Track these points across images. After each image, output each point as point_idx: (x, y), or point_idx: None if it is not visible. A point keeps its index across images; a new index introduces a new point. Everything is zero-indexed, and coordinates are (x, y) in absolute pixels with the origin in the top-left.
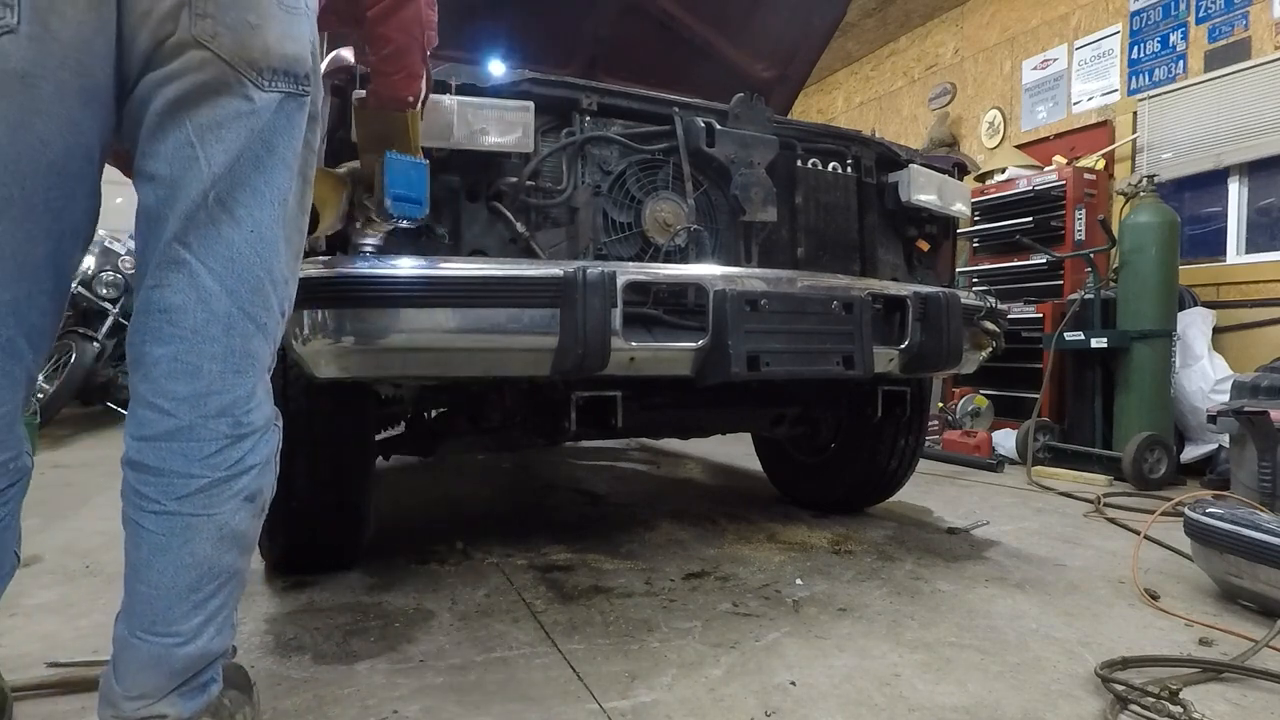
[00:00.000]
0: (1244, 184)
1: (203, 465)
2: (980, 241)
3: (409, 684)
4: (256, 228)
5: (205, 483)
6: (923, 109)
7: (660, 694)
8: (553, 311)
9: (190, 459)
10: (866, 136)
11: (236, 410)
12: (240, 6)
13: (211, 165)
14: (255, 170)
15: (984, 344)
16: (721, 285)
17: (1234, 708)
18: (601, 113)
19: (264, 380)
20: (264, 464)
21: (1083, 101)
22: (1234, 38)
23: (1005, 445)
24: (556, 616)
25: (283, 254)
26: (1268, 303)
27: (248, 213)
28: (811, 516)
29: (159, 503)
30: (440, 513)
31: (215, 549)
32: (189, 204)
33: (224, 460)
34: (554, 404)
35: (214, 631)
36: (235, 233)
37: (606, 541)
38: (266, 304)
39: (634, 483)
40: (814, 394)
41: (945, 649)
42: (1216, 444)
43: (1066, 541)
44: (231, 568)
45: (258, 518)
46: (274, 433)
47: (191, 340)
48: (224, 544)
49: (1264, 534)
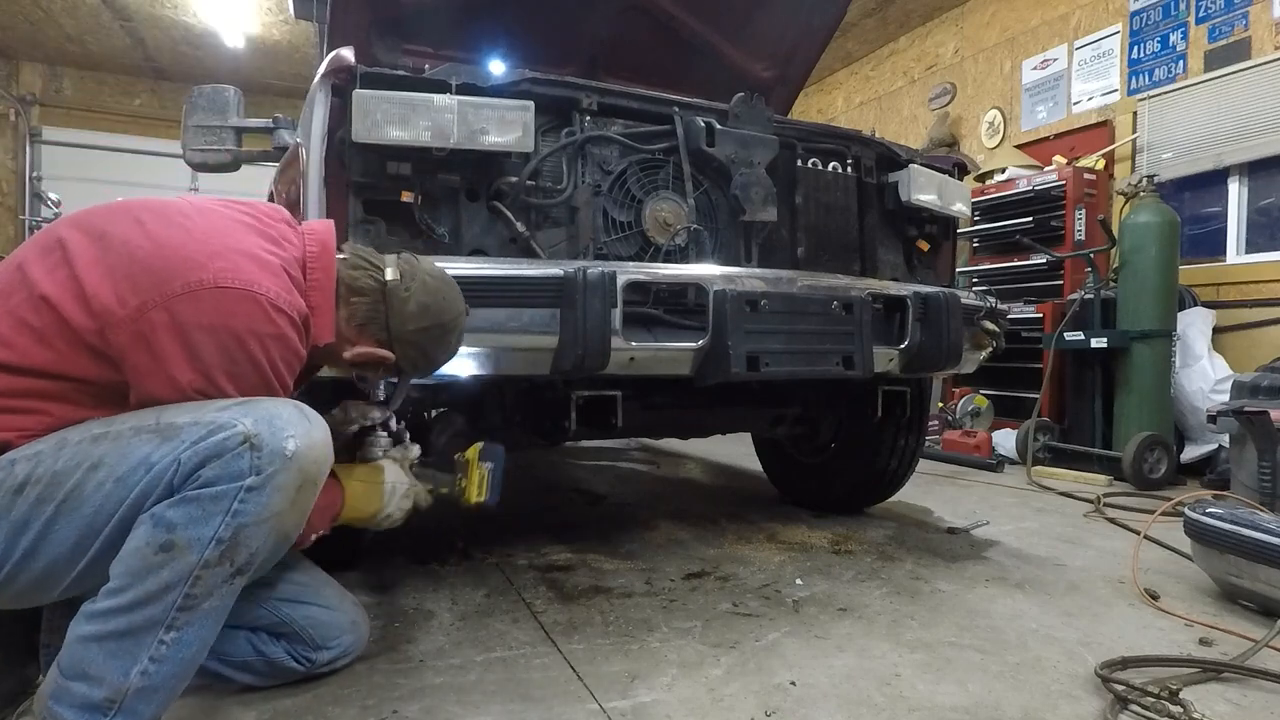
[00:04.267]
0: (1244, 184)
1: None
2: (980, 241)
3: (409, 684)
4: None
5: None
6: (923, 109)
7: (660, 694)
8: (553, 311)
9: None
10: (866, 136)
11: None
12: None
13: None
14: None
15: (984, 344)
16: (721, 285)
17: (1234, 708)
18: (601, 112)
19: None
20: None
21: (1083, 101)
22: (1234, 38)
23: (1005, 445)
24: (556, 616)
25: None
26: (1268, 303)
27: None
28: (811, 516)
29: None
30: (440, 513)
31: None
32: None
33: None
34: (554, 404)
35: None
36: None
37: (606, 541)
38: None
39: (634, 483)
40: (814, 394)
41: (945, 649)
42: (1216, 444)
43: (1066, 541)
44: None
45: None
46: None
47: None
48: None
49: (1264, 534)
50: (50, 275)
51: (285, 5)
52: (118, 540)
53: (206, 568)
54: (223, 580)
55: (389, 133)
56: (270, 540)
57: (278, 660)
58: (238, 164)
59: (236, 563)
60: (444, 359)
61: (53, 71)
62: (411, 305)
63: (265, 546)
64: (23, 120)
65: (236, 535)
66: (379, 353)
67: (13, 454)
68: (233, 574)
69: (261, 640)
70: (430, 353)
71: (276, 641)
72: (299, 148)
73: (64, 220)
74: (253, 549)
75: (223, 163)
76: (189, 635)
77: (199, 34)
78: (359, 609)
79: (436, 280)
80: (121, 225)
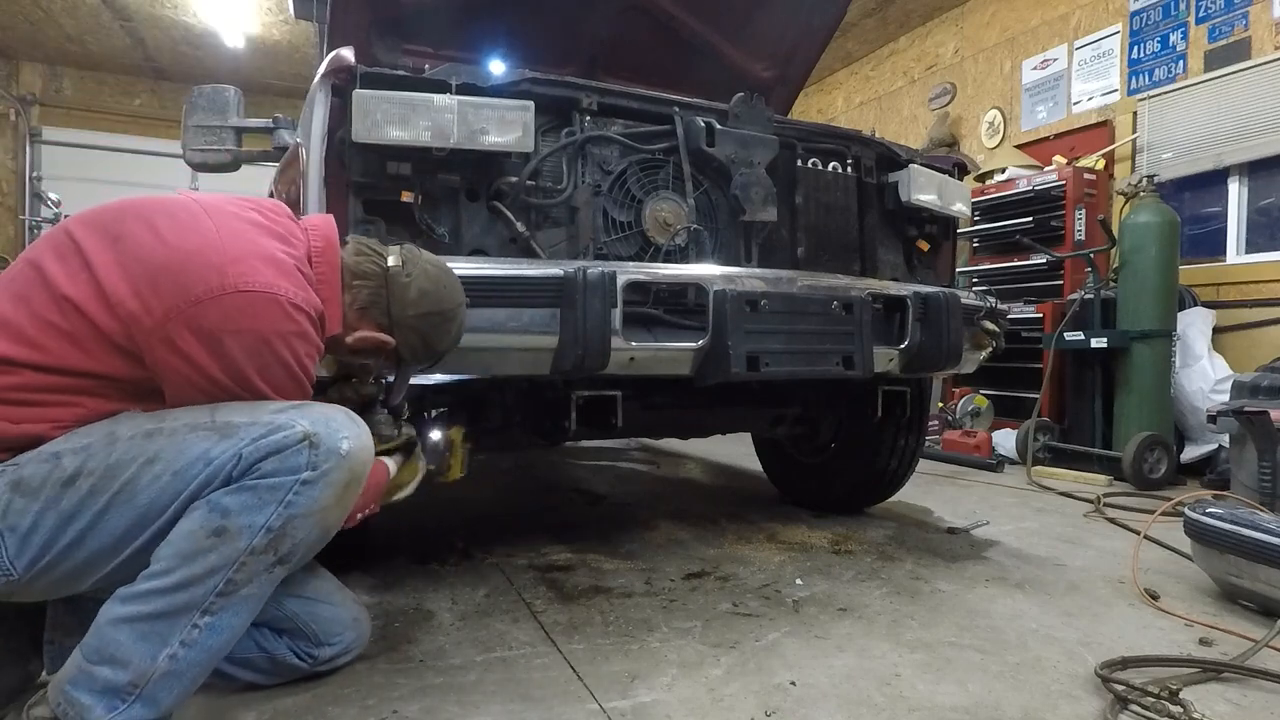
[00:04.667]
0: (1244, 184)
1: None
2: (980, 241)
3: (409, 684)
4: None
5: None
6: (923, 109)
7: (660, 694)
8: (553, 311)
9: None
10: (866, 136)
11: None
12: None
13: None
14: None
15: (984, 344)
16: (721, 285)
17: (1234, 708)
18: (601, 112)
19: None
20: None
21: (1083, 101)
22: (1234, 38)
23: (1005, 445)
24: (556, 616)
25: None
26: (1268, 303)
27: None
28: (811, 516)
29: None
30: (440, 513)
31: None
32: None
33: None
34: (554, 404)
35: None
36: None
37: (606, 541)
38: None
39: (634, 483)
40: (814, 394)
41: (945, 649)
42: (1216, 444)
43: (1066, 541)
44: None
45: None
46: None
47: None
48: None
49: (1264, 534)
50: (71, 279)
51: (285, 5)
52: (167, 532)
53: (253, 554)
54: (265, 568)
55: (389, 133)
56: (315, 533)
57: (280, 656)
58: (238, 164)
59: (280, 552)
60: (444, 348)
61: (53, 71)
62: (412, 291)
63: (309, 539)
64: (23, 120)
65: (286, 525)
66: (380, 337)
67: (55, 447)
68: (275, 563)
69: (264, 636)
70: (431, 340)
71: (279, 637)
72: (299, 148)
73: (75, 220)
74: (297, 539)
75: (223, 163)
76: (222, 621)
77: (199, 34)
78: (360, 607)
79: (437, 269)
80: (135, 227)
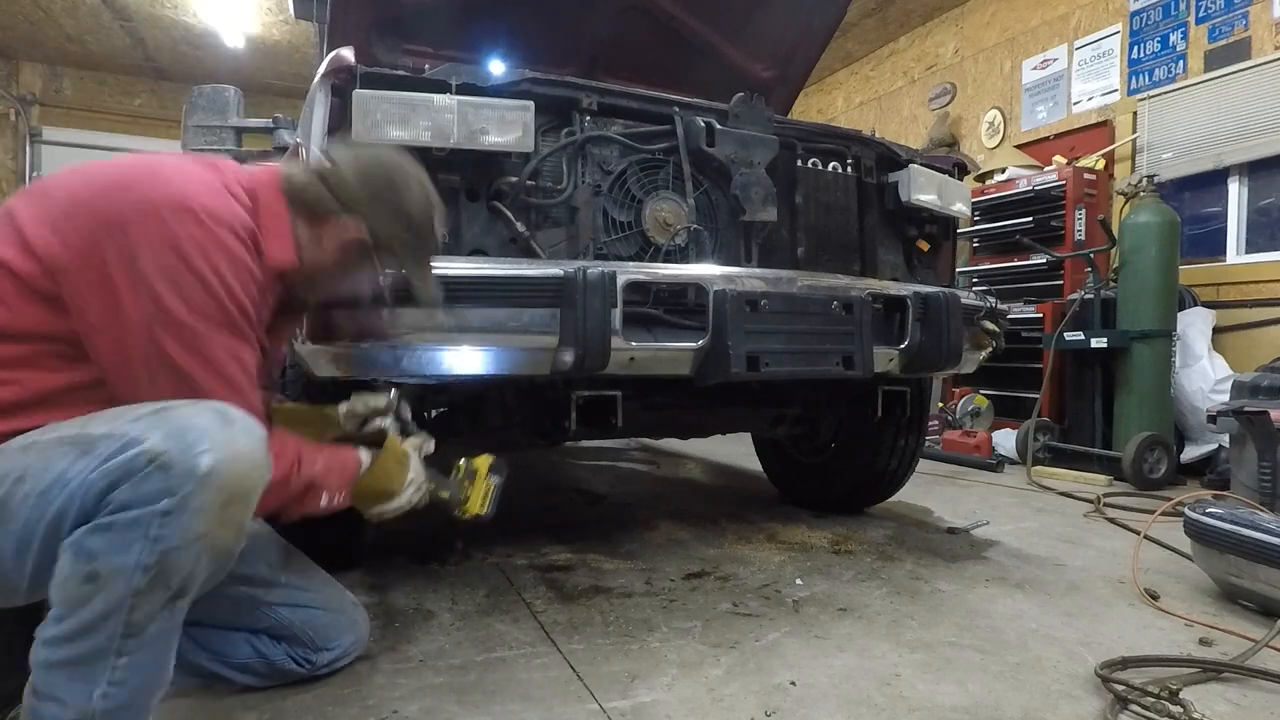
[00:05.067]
0: (1244, 184)
1: None
2: (980, 241)
3: (409, 684)
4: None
5: None
6: (923, 109)
7: (660, 694)
8: (553, 311)
9: None
10: (866, 136)
11: None
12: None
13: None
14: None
15: (984, 344)
16: (721, 285)
17: (1234, 708)
18: (601, 112)
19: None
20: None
21: (1083, 101)
22: (1234, 38)
23: (1005, 445)
24: (556, 616)
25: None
26: (1268, 303)
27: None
28: (811, 516)
29: None
30: (440, 513)
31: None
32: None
33: None
34: (554, 404)
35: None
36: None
37: (606, 541)
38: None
39: (634, 483)
40: (814, 394)
41: (945, 649)
42: (1216, 444)
43: (1066, 541)
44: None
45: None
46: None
47: None
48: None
49: (1264, 534)
50: (4, 244)
51: (285, 5)
52: (52, 552)
53: (139, 595)
54: (161, 605)
55: (389, 133)
56: (205, 560)
57: (278, 662)
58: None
59: (173, 586)
60: (417, 209)
61: (53, 71)
62: (346, 168)
63: (201, 567)
64: (23, 120)
65: (163, 561)
66: (350, 232)
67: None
68: (171, 598)
69: (262, 642)
70: (397, 204)
71: (277, 644)
72: (299, 148)
73: (15, 194)
74: (185, 572)
75: None
76: (142, 659)
77: (199, 34)
78: (359, 609)
79: (365, 146)
80: (62, 178)
